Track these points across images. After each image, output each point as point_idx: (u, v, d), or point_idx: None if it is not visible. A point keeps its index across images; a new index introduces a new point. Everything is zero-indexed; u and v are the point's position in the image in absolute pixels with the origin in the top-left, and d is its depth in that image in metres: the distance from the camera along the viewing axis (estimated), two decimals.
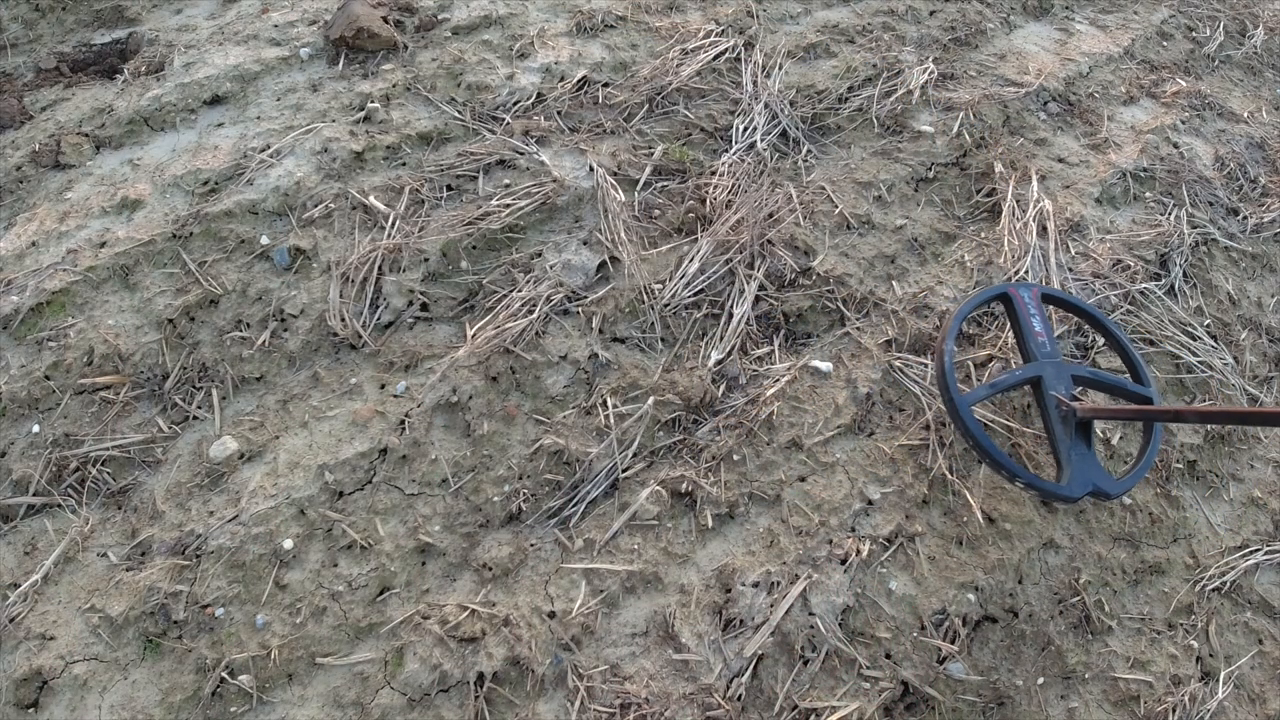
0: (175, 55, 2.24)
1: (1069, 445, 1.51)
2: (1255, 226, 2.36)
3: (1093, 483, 1.47)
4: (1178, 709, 1.49)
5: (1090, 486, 1.46)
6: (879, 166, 2.22)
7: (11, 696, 1.28)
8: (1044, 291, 1.73)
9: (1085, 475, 1.48)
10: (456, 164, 2.03)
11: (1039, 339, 1.64)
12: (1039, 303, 1.70)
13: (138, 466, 1.54)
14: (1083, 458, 1.50)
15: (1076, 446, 1.51)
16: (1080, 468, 1.48)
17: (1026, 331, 1.65)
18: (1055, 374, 1.58)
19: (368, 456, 1.55)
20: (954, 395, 1.51)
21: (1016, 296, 1.69)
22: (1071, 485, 1.46)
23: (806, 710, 1.36)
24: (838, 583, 1.49)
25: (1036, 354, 1.62)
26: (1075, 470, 1.48)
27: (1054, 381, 1.57)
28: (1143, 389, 1.65)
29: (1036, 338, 1.64)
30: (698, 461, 1.61)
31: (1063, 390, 1.56)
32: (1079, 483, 1.46)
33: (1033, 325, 1.66)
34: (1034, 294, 1.71)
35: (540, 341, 1.72)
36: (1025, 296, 1.70)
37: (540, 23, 2.45)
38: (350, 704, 1.32)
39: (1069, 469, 1.48)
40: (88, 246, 1.78)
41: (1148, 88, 2.74)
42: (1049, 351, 1.63)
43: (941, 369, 1.55)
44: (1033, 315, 1.67)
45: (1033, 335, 1.64)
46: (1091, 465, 1.49)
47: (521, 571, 1.47)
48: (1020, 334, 1.66)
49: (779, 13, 2.68)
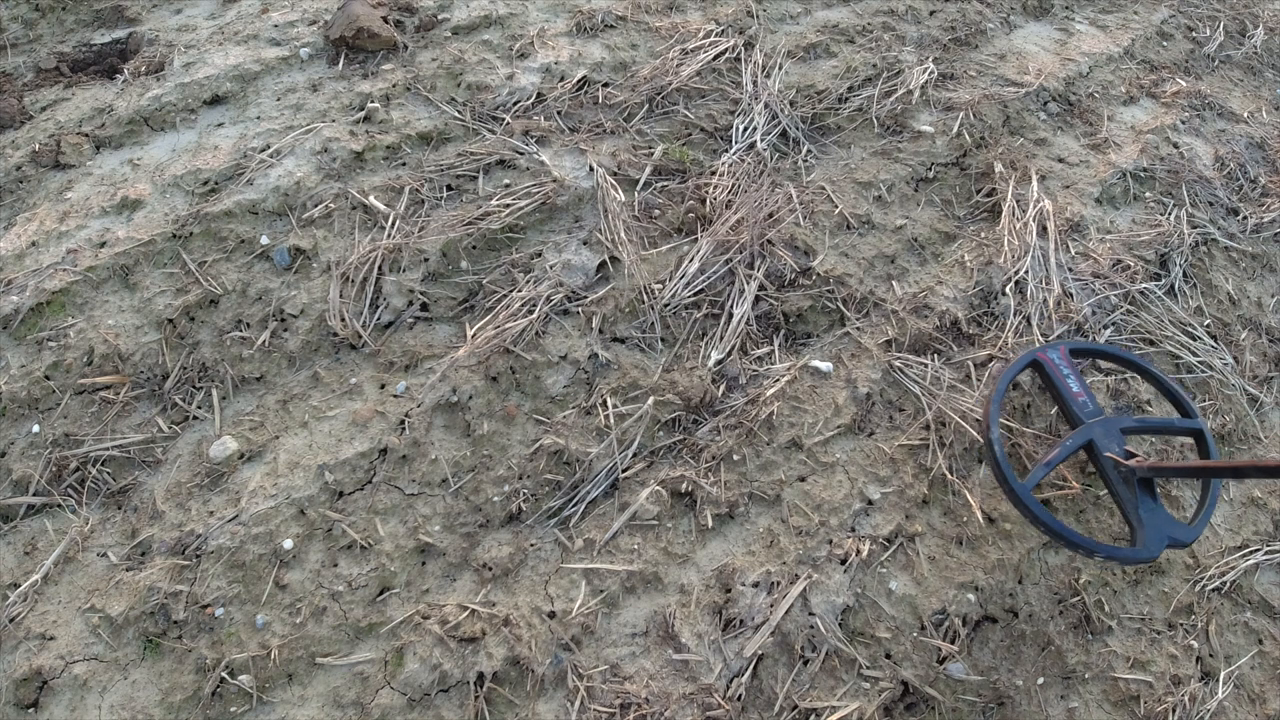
0: (175, 55, 2.24)
1: (1135, 504, 1.49)
2: (1255, 226, 2.36)
3: (1168, 536, 1.46)
4: (1178, 709, 1.49)
5: (1166, 541, 1.45)
6: (879, 166, 2.22)
7: (11, 696, 1.28)
8: (1070, 347, 1.70)
9: (1159, 531, 1.46)
10: (456, 164, 2.03)
11: (1079, 400, 1.61)
12: (1069, 360, 1.66)
13: (138, 466, 1.54)
14: (1152, 513, 1.48)
15: (1144, 503, 1.49)
16: (1152, 524, 1.47)
17: (1066, 396, 1.61)
18: (1105, 432, 1.55)
19: (368, 456, 1.55)
20: (1014, 485, 1.49)
21: (1047, 360, 1.65)
22: (1149, 545, 1.44)
23: (806, 710, 1.36)
24: (838, 583, 1.49)
25: (1081, 416, 1.58)
26: (1149, 529, 1.46)
27: (1105, 441, 1.54)
28: (1191, 422, 1.63)
29: (1077, 399, 1.61)
30: (698, 461, 1.61)
31: (1115, 448, 1.53)
32: (1155, 540, 1.45)
33: (1070, 387, 1.62)
34: (1062, 353, 1.67)
35: (540, 341, 1.72)
36: (1055, 358, 1.66)
37: (540, 23, 2.45)
38: (350, 704, 1.32)
39: (1142, 530, 1.46)
40: (88, 246, 1.78)
41: (1148, 88, 2.74)
42: (1092, 410, 1.59)
43: (995, 460, 1.52)
44: (1067, 376, 1.63)
45: (1073, 398, 1.61)
46: (1162, 518, 1.48)
47: (521, 571, 1.47)
48: (1061, 400, 1.63)
49: (779, 13, 2.68)
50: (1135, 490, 1.50)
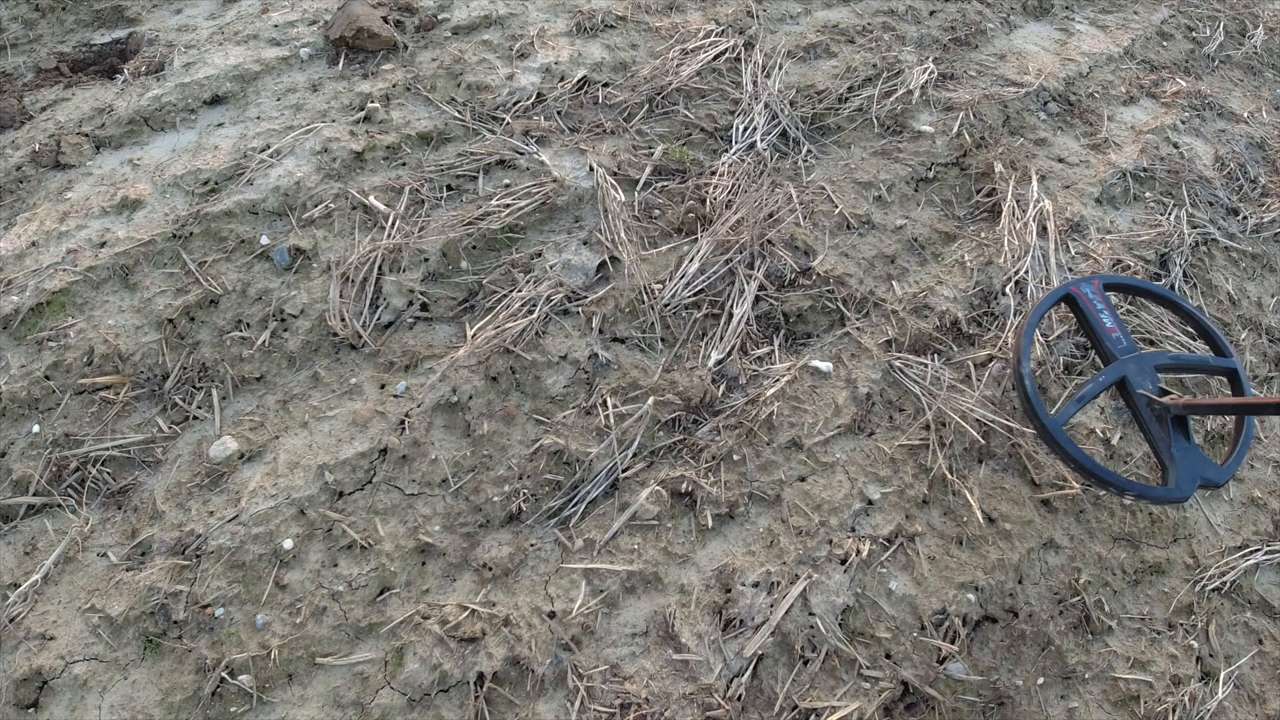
0: (175, 55, 2.24)
1: (1168, 443, 1.44)
2: (1255, 226, 2.36)
3: (1200, 476, 1.42)
4: (1178, 709, 1.49)
5: (1199, 481, 1.42)
6: (879, 166, 2.22)
7: (11, 696, 1.28)
8: (1104, 281, 1.63)
9: (1191, 470, 1.42)
10: (456, 164, 2.03)
11: (1113, 335, 1.55)
12: (1103, 295, 1.60)
13: (138, 466, 1.54)
14: (1184, 452, 1.44)
15: (1177, 442, 1.44)
16: (1185, 464, 1.42)
17: (1100, 331, 1.56)
18: (1138, 369, 1.49)
19: (368, 456, 1.55)
20: (1045, 421, 1.44)
21: (1080, 295, 1.59)
22: (1181, 485, 1.41)
23: (806, 710, 1.36)
24: (838, 583, 1.49)
25: (1115, 352, 1.53)
26: (1181, 468, 1.42)
27: (1139, 378, 1.48)
28: (1226, 361, 1.57)
29: (1110, 334, 1.55)
30: (698, 461, 1.61)
31: (1149, 385, 1.48)
32: (1187, 480, 1.41)
33: (1104, 322, 1.56)
34: (1095, 287, 1.61)
35: (540, 341, 1.72)
36: (1089, 292, 1.59)
37: (540, 23, 2.45)
38: (350, 704, 1.32)
39: (1174, 468, 1.42)
40: (88, 246, 1.78)
41: (1148, 88, 2.74)
42: (1126, 346, 1.54)
43: (1025, 395, 1.47)
44: (1101, 311, 1.57)
45: (1106, 334, 1.55)
46: (1195, 458, 1.43)
47: (521, 571, 1.47)
48: (1094, 335, 1.58)
49: (779, 13, 2.68)
50: (1169, 429, 1.45)
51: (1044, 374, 1.84)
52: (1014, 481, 1.67)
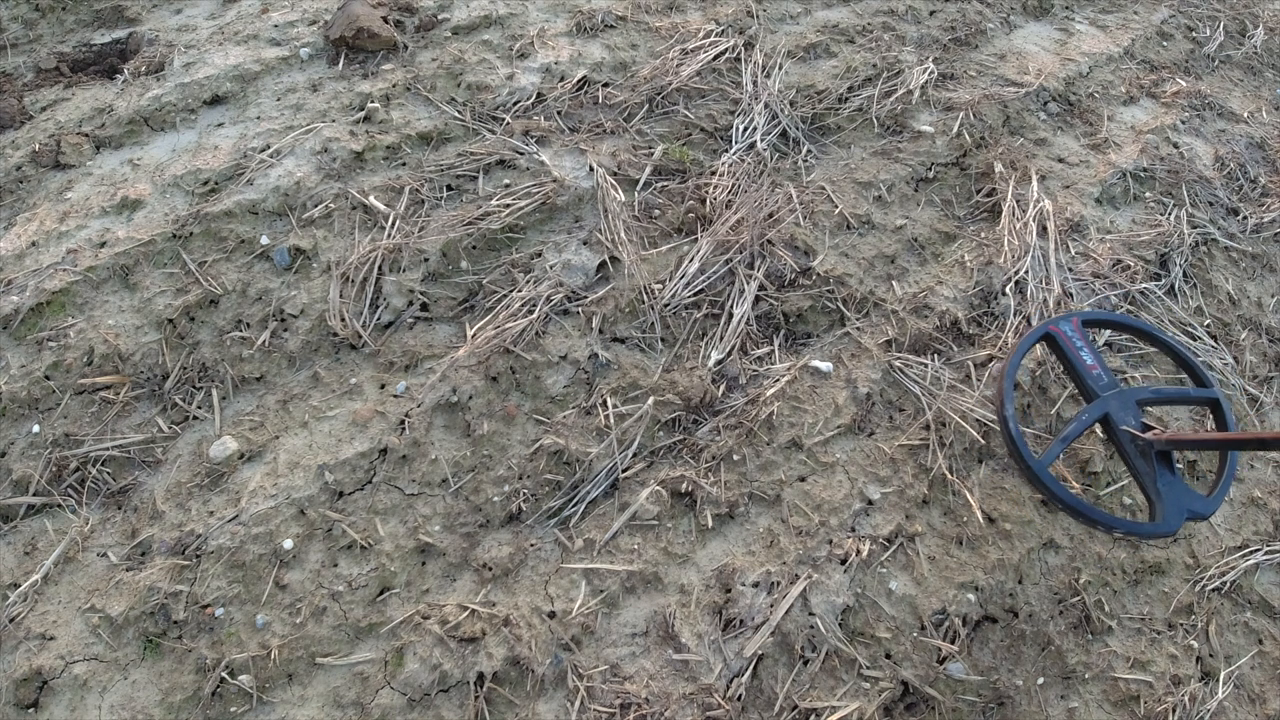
0: (175, 55, 2.24)
1: (1154, 478, 1.46)
2: (1255, 226, 2.36)
3: (1186, 509, 1.44)
4: (1178, 709, 1.49)
5: (1185, 514, 1.44)
6: (879, 166, 2.22)
7: (11, 696, 1.28)
8: (1083, 318, 1.67)
9: (1178, 504, 1.44)
10: (456, 164, 2.03)
11: (1094, 373, 1.58)
12: (1081, 332, 1.63)
13: (138, 466, 1.54)
14: (1170, 486, 1.46)
15: (1162, 477, 1.47)
16: (1171, 498, 1.45)
17: (1080, 369, 1.59)
18: (1120, 405, 1.52)
19: (368, 456, 1.55)
20: (1030, 463, 1.47)
21: (1059, 333, 1.62)
22: (1169, 519, 1.43)
23: (806, 710, 1.36)
24: (838, 583, 1.49)
25: (1096, 390, 1.56)
26: (1167, 502, 1.44)
27: (1121, 414, 1.51)
28: (1206, 392, 1.60)
29: (1091, 372, 1.58)
30: (698, 461, 1.61)
31: (1131, 421, 1.51)
32: (1174, 514, 1.43)
33: (1084, 360, 1.59)
34: (1074, 324, 1.64)
35: (540, 341, 1.72)
36: (1067, 330, 1.63)
37: (540, 23, 2.45)
38: (350, 704, 1.32)
39: (1160, 503, 1.45)
40: (88, 246, 1.78)
41: (1148, 88, 2.74)
42: (1107, 383, 1.57)
43: (1010, 437, 1.49)
44: (1080, 349, 1.61)
45: (1087, 371, 1.58)
46: (1181, 491, 1.46)
47: (521, 571, 1.47)
48: (1075, 374, 1.60)
49: (779, 13, 2.68)
50: (1153, 463, 1.47)
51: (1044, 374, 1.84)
52: (1014, 481, 1.67)
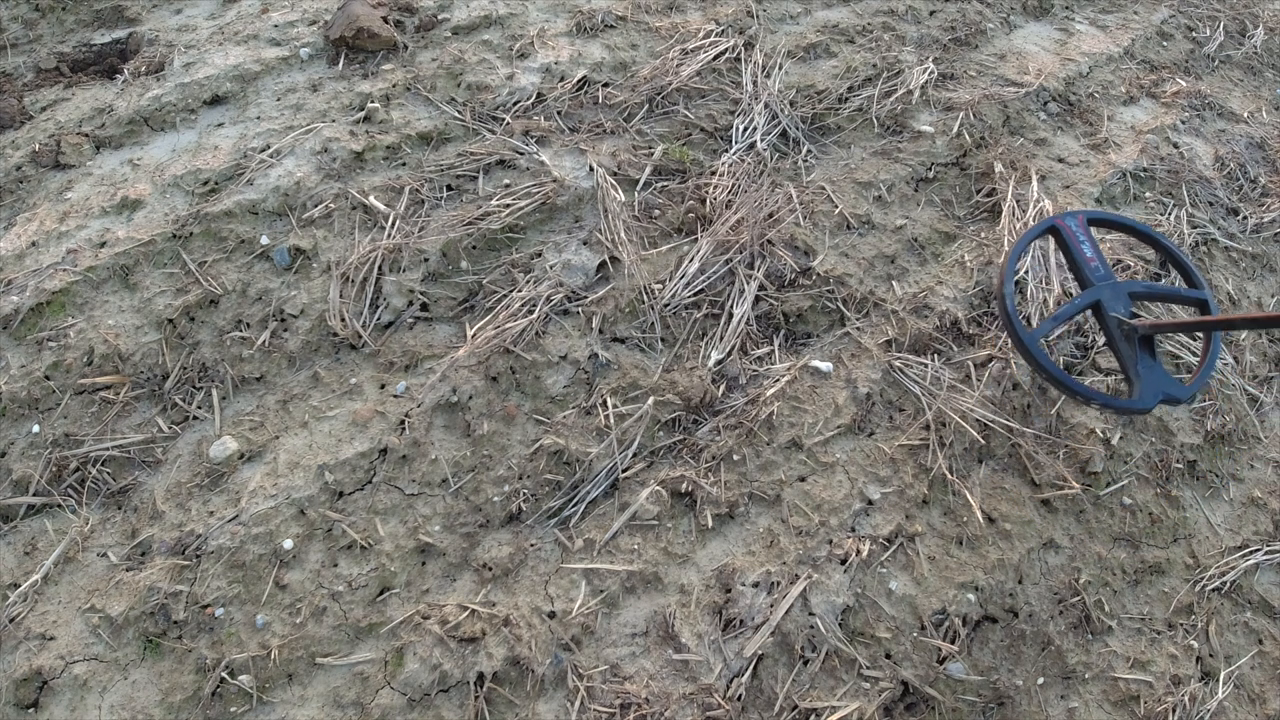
0: (175, 55, 2.24)
1: (1135, 360, 1.56)
2: (1255, 226, 2.36)
3: (1163, 391, 1.53)
4: (1178, 709, 1.49)
5: (1161, 395, 1.53)
6: (879, 166, 2.22)
7: (11, 696, 1.28)
8: (1089, 216, 1.76)
9: (1155, 386, 1.53)
10: (456, 164, 2.03)
11: (1091, 264, 1.68)
12: (1086, 228, 1.73)
13: (138, 466, 1.54)
14: (1149, 369, 1.55)
15: (1143, 360, 1.56)
16: (1149, 380, 1.54)
17: (1079, 259, 1.69)
18: (1113, 295, 1.62)
19: (368, 456, 1.55)
20: (1022, 335, 1.57)
21: (1064, 227, 1.72)
22: (1144, 397, 1.52)
23: (806, 710, 1.36)
24: (838, 583, 1.49)
25: (1092, 279, 1.66)
26: (1145, 383, 1.54)
27: (1113, 302, 1.61)
28: (1197, 292, 1.68)
29: (1089, 263, 1.68)
30: (698, 461, 1.61)
31: (1121, 309, 1.60)
32: (1150, 393, 1.52)
33: (1084, 252, 1.69)
34: (1080, 221, 1.74)
35: (540, 341, 1.72)
36: (1073, 225, 1.73)
37: (540, 23, 2.45)
38: (350, 704, 1.32)
39: (1139, 383, 1.54)
40: (88, 246, 1.78)
41: (1148, 88, 2.74)
42: (1103, 274, 1.66)
43: (1005, 310, 1.59)
44: (1082, 242, 1.70)
45: (1085, 262, 1.68)
46: (1159, 376, 1.55)
47: (521, 571, 1.47)
48: (1074, 262, 1.70)
49: (779, 13, 2.68)
50: (1136, 347, 1.57)
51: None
52: (1014, 481, 1.67)
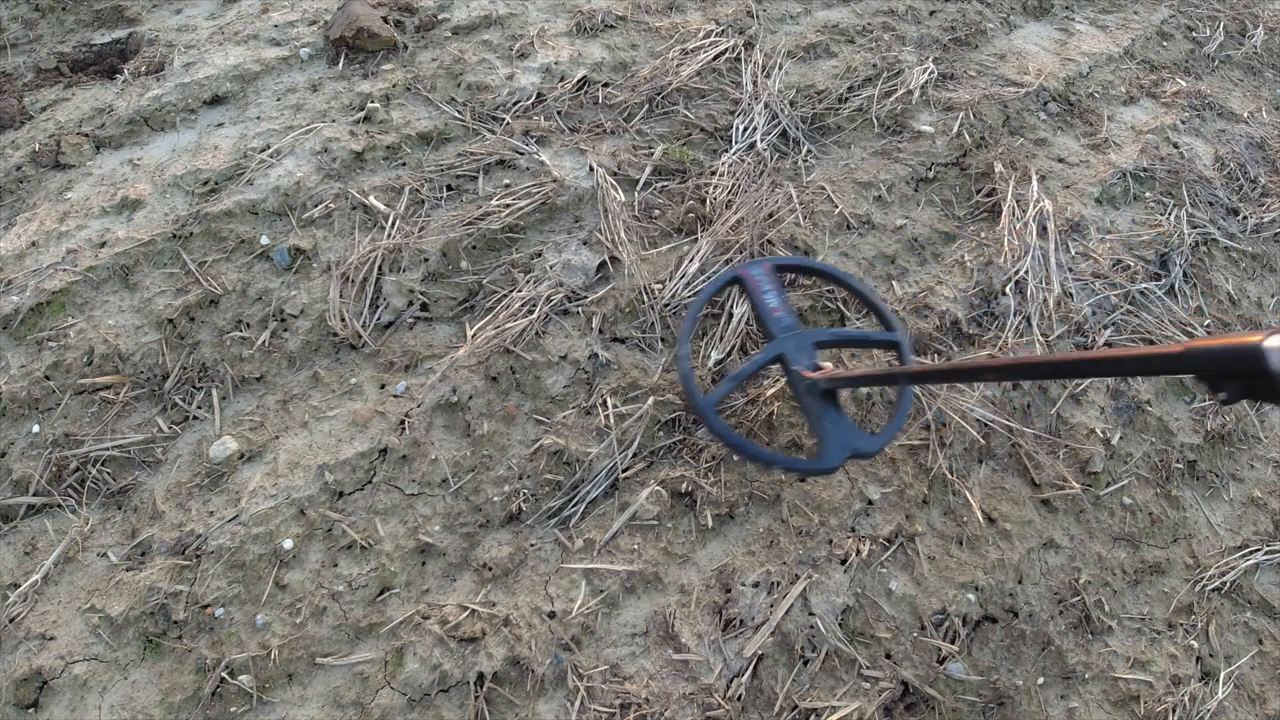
0: (175, 55, 2.24)
1: (819, 416, 1.48)
2: (1255, 226, 2.36)
3: (850, 447, 1.45)
4: (1178, 709, 1.49)
5: (849, 451, 1.45)
6: (879, 166, 2.22)
7: (11, 696, 1.28)
8: (776, 263, 1.71)
9: (841, 442, 1.46)
10: (456, 164, 2.03)
11: (776, 315, 1.61)
12: (773, 276, 1.67)
13: (138, 466, 1.54)
14: (835, 424, 1.48)
15: (828, 415, 1.48)
16: (835, 436, 1.46)
17: (763, 311, 1.62)
18: (797, 346, 1.55)
19: (368, 456, 1.55)
20: (697, 400, 1.51)
21: (748, 277, 1.67)
22: (828, 456, 1.44)
23: (807, 710, 1.36)
24: (838, 583, 1.49)
25: (775, 331, 1.59)
26: (831, 440, 1.46)
27: (796, 355, 1.54)
28: (890, 335, 1.62)
29: (774, 314, 1.61)
30: (698, 462, 1.61)
31: (805, 362, 1.53)
32: (835, 451, 1.45)
33: (768, 303, 1.63)
34: (766, 269, 1.68)
35: (540, 341, 1.72)
36: (757, 274, 1.67)
37: (540, 23, 2.45)
38: (350, 704, 1.32)
39: (824, 440, 1.47)
40: (88, 246, 1.78)
41: (1148, 88, 2.74)
42: (788, 325, 1.60)
43: (681, 374, 1.53)
44: (767, 292, 1.64)
45: (769, 314, 1.62)
46: (846, 430, 1.47)
47: (521, 571, 1.47)
48: (759, 315, 1.64)
49: (779, 13, 2.68)
50: (820, 402, 1.49)
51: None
52: (1014, 481, 1.67)
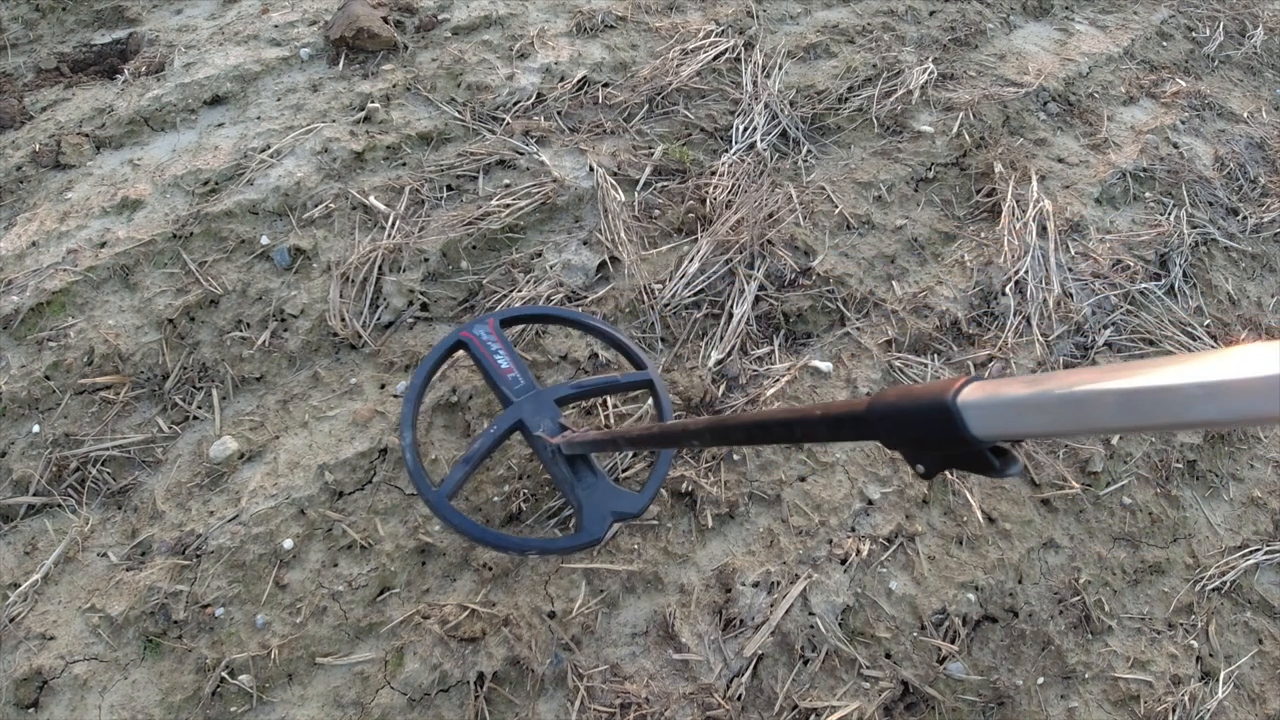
0: (175, 55, 2.24)
1: (573, 482, 1.33)
2: (1255, 226, 2.36)
3: (611, 511, 1.32)
4: (1178, 709, 1.49)
5: (610, 517, 1.32)
6: (879, 166, 2.22)
7: (12, 696, 1.28)
8: (500, 318, 1.54)
9: (600, 508, 1.32)
10: (456, 164, 2.03)
11: (509, 376, 1.44)
12: (499, 334, 1.50)
13: (138, 466, 1.54)
14: (591, 489, 1.33)
15: (582, 481, 1.33)
16: (592, 502, 1.32)
17: (495, 375, 1.44)
18: (535, 409, 1.38)
19: (368, 456, 1.55)
20: (427, 494, 1.30)
21: (472, 339, 1.49)
22: (590, 526, 1.30)
23: (807, 710, 1.36)
24: (838, 582, 1.49)
25: (511, 395, 1.42)
26: (588, 508, 1.32)
27: (535, 418, 1.37)
28: (640, 375, 1.49)
29: (507, 376, 1.44)
30: (697, 461, 1.61)
31: (548, 424, 1.36)
32: (596, 520, 1.31)
33: (499, 365, 1.46)
34: (490, 326, 1.51)
35: (540, 341, 1.72)
36: (482, 334, 1.49)
37: (540, 23, 2.45)
38: (350, 704, 1.32)
39: (582, 510, 1.32)
40: (88, 246, 1.78)
41: (1147, 88, 2.74)
42: (523, 386, 1.43)
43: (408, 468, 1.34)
44: (496, 353, 1.47)
45: (502, 377, 1.44)
46: (605, 493, 1.33)
47: (521, 571, 1.47)
48: (491, 381, 1.46)
49: (779, 13, 2.68)
50: (569, 468, 1.33)
51: None
52: (1014, 481, 1.67)
